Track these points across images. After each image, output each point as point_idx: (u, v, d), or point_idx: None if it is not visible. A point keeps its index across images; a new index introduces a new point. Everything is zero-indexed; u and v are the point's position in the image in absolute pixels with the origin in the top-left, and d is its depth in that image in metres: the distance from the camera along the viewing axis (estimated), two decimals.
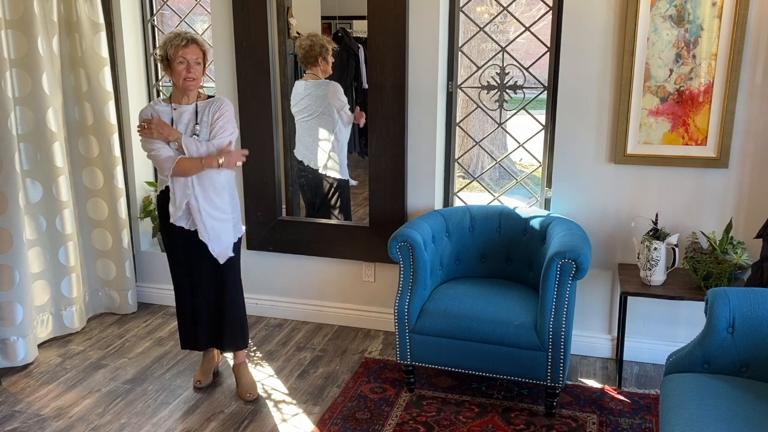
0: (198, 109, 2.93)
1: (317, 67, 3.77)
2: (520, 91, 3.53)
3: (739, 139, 3.12)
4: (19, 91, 3.44)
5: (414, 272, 3.02)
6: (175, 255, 3.06)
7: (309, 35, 3.77)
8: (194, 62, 2.84)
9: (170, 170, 2.83)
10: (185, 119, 2.91)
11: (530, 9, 4.89)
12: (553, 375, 2.86)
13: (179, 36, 2.84)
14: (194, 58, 2.84)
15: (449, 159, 3.67)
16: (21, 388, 3.24)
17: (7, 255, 3.31)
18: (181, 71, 2.84)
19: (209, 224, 2.93)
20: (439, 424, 2.88)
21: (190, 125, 2.91)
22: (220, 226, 2.96)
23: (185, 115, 2.92)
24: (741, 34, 2.98)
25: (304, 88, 3.83)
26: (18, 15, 3.36)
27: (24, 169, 3.50)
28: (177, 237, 2.99)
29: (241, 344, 3.17)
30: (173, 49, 2.82)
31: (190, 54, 2.83)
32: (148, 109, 2.94)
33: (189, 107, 2.93)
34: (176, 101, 2.94)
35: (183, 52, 2.82)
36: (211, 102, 2.96)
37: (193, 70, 2.85)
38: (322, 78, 3.78)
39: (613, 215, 3.35)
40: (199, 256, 2.99)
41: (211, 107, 2.93)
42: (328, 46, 3.75)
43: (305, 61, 3.78)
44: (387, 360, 3.48)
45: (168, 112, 2.92)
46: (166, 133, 2.84)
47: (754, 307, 2.27)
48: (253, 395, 3.12)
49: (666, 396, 2.25)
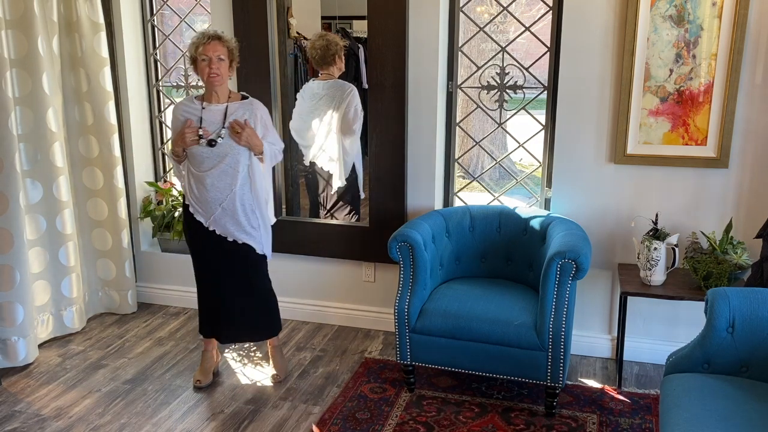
0: (228, 111, 2.95)
1: (333, 66, 3.75)
2: (520, 91, 3.53)
3: (739, 139, 3.12)
4: (19, 91, 3.44)
5: (414, 272, 3.02)
6: (200, 255, 3.11)
7: (320, 35, 3.75)
8: (216, 58, 2.88)
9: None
10: (214, 119, 2.94)
11: (530, 9, 4.89)
12: (553, 375, 2.86)
13: (202, 34, 2.90)
14: (216, 54, 2.88)
15: (449, 159, 3.67)
16: (21, 388, 3.24)
17: (7, 255, 3.31)
18: (204, 68, 2.89)
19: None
20: (439, 424, 2.88)
21: (216, 128, 2.93)
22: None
23: (215, 114, 2.95)
24: (741, 34, 2.97)
25: (321, 88, 3.80)
26: (18, 15, 3.36)
27: (24, 169, 3.50)
28: (203, 237, 3.03)
29: (274, 332, 3.29)
30: (195, 48, 2.89)
31: (211, 50, 2.87)
32: (180, 107, 2.99)
33: (219, 107, 2.96)
34: (207, 99, 2.98)
35: (204, 48, 2.87)
36: (243, 105, 2.98)
37: (215, 65, 2.88)
38: (336, 76, 3.77)
39: (613, 215, 3.35)
40: (224, 254, 3.04)
41: (242, 111, 2.95)
42: (341, 43, 3.73)
43: (322, 62, 3.74)
44: (387, 360, 3.48)
45: (198, 110, 2.95)
46: (188, 143, 2.90)
47: (754, 307, 2.27)
48: (279, 377, 3.27)
49: (666, 396, 2.25)
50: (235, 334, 3.25)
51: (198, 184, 2.97)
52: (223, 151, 2.91)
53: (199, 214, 3.01)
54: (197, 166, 2.95)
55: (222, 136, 2.91)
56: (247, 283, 3.13)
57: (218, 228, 3.00)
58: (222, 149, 2.91)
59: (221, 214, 2.98)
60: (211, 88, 2.94)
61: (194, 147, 2.92)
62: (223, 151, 2.91)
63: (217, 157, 2.92)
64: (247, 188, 3.00)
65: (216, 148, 2.90)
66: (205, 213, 3.00)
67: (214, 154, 2.91)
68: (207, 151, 2.91)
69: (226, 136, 2.91)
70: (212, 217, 2.99)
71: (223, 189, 2.95)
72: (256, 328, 3.24)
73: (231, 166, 2.93)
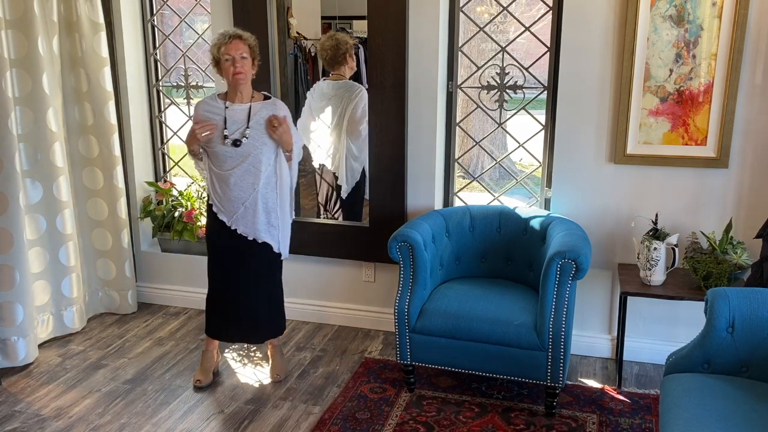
0: (252, 111, 2.96)
1: (344, 66, 3.74)
2: (520, 91, 3.53)
3: (738, 139, 3.12)
4: (19, 91, 3.44)
5: (414, 272, 3.03)
6: (218, 252, 3.12)
7: (329, 35, 3.74)
8: (239, 57, 2.88)
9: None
10: (238, 118, 2.95)
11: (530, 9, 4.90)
12: (553, 375, 2.86)
13: (223, 34, 2.91)
14: (239, 52, 2.88)
15: (449, 159, 3.67)
16: (21, 388, 3.24)
17: (7, 255, 3.31)
18: (228, 67, 2.90)
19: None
20: (439, 424, 2.88)
21: (241, 127, 2.94)
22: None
23: (238, 114, 2.96)
24: (741, 34, 2.97)
25: (331, 88, 3.79)
26: (18, 15, 3.36)
27: (24, 169, 3.49)
28: (224, 236, 3.05)
29: (278, 333, 3.31)
30: (217, 48, 2.90)
31: (233, 49, 2.88)
32: (202, 106, 3.00)
33: (243, 107, 2.97)
34: (230, 99, 2.99)
35: (226, 48, 2.88)
36: (266, 105, 2.99)
37: (239, 64, 2.88)
38: (347, 77, 3.76)
39: (613, 215, 3.35)
40: (243, 253, 3.06)
41: (265, 111, 2.97)
42: (351, 41, 3.72)
43: (333, 62, 3.73)
44: (387, 360, 3.48)
45: (221, 109, 2.96)
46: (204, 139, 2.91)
47: (754, 307, 2.27)
48: (279, 377, 3.27)
49: (666, 396, 2.25)
50: (241, 333, 3.25)
51: (221, 183, 2.99)
52: (246, 151, 2.93)
53: (222, 212, 3.03)
54: (220, 166, 2.97)
55: (247, 136, 2.92)
56: (260, 283, 3.15)
57: (240, 227, 3.02)
58: (245, 149, 2.93)
59: (244, 213, 3.00)
60: (236, 87, 2.95)
61: (217, 146, 2.94)
62: (246, 151, 2.93)
63: (240, 157, 2.94)
64: (271, 187, 3.02)
65: (240, 148, 2.92)
66: (227, 212, 3.02)
67: (237, 154, 2.93)
68: (230, 151, 2.93)
69: (251, 136, 2.92)
70: (235, 216, 3.01)
71: (246, 188, 2.97)
72: (262, 328, 3.24)
73: (253, 165, 2.95)
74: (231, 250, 3.08)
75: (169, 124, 4.28)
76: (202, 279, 4.07)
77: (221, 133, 2.93)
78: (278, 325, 3.29)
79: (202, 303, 4.10)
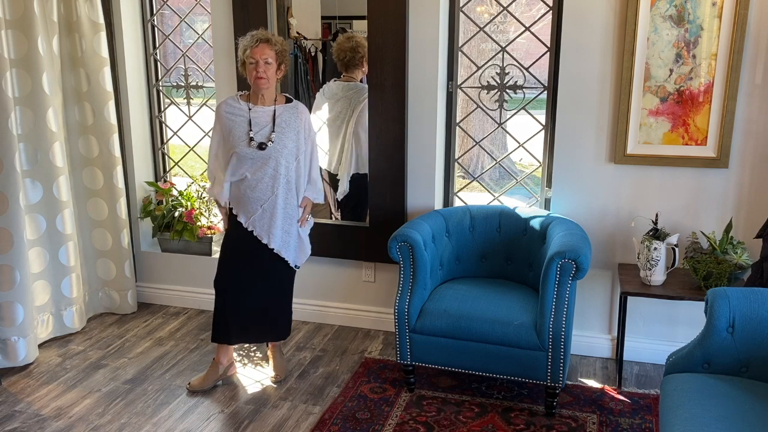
0: (276, 113, 2.97)
1: (359, 69, 3.73)
2: (520, 91, 3.53)
3: (738, 139, 3.12)
4: (19, 91, 3.44)
5: (414, 272, 3.03)
6: (231, 252, 3.12)
7: (347, 36, 3.73)
8: (263, 61, 2.89)
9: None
10: (262, 122, 2.96)
11: (530, 9, 4.90)
12: (553, 375, 2.86)
13: (251, 37, 2.91)
14: (264, 57, 2.88)
15: (449, 159, 3.67)
16: (21, 388, 3.24)
17: (7, 255, 3.31)
18: (251, 71, 2.90)
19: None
20: (439, 424, 2.88)
21: (266, 130, 2.95)
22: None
23: (262, 117, 2.97)
24: (741, 34, 2.98)
25: (341, 89, 3.78)
26: (18, 15, 3.36)
27: (24, 169, 3.50)
28: (241, 237, 3.05)
29: (284, 335, 3.29)
30: (243, 50, 2.90)
31: (259, 53, 2.88)
32: (224, 107, 3.01)
33: (267, 110, 2.98)
34: (252, 101, 3.00)
35: (252, 51, 2.88)
36: (288, 108, 3.02)
37: (262, 69, 2.89)
38: (358, 79, 3.75)
39: (613, 215, 3.35)
40: (255, 255, 3.07)
41: (288, 114, 2.99)
42: (365, 43, 3.72)
43: (349, 64, 3.71)
44: (387, 360, 3.48)
45: (245, 111, 2.97)
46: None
47: (754, 307, 2.27)
48: (279, 377, 3.25)
49: (666, 396, 2.25)
50: (248, 334, 3.23)
51: (241, 183, 3.01)
52: (267, 154, 2.95)
53: (240, 213, 3.04)
54: (240, 166, 2.98)
55: (272, 140, 2.95)
56: (271, 285, 3.15)
57: (256, 228, 3.03)
58: (268, 152, 2.95)
59: (261, 215, 3.01)
60: (258, 91, 2.96)
61: (242, 148, 2.95)
62: (267, 154, 2.95)
63: (261, 159, 2.96)
64: (292, 194, 3.04)
65: (263, 151, 2.94)
66: (245, 213, 3.03)
67: (258, 156, 2.95)
68: (252, 153, 2.94)
69: (275, 140, 2.95)
70: (252, 218, 3.02)
71: (265, 190, 2.99)
72: (267, 330, 3.24)
73: (273, 168, 2.97)
74: (244, 252, 3.08)
75: (169, 124, 4.28)
76: (202, 279, 4.08)
77: (247, 135, 2.94)
78: (283, 329, 3.27)
79: (202, 303, 4.12)
